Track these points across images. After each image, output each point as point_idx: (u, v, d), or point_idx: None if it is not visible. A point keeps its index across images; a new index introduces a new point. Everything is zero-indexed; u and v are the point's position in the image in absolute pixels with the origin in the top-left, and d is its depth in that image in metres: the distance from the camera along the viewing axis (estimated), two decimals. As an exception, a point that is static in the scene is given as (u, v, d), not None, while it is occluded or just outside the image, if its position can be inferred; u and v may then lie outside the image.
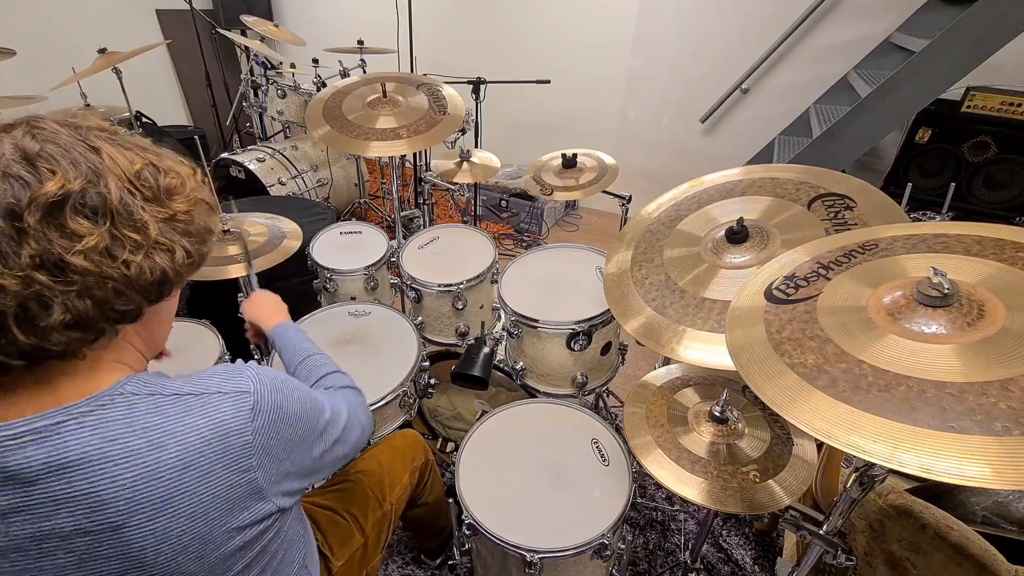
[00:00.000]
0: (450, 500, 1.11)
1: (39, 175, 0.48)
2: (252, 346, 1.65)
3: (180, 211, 0.57)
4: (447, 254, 1.75)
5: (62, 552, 0.50)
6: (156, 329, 0.64)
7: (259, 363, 1.54)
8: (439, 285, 1.59)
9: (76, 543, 0.50)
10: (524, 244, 3.41)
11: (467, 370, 1.29)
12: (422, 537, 1.46)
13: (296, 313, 1.53)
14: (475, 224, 2.94)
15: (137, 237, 0.52)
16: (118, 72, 2.48)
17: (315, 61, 3.11)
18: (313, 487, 1.10)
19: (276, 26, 3.33)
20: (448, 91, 1.78)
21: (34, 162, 0.48)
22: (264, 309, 1.09)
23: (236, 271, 1.34)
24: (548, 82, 2.61)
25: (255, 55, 3.29)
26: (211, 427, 0.55)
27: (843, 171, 1.07)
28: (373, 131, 1.63)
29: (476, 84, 2.56)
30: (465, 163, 2.05)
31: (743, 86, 3.03)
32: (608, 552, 1.03)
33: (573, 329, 1.39)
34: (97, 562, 0.51)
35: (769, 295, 0.77)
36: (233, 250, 1.38)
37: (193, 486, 0.53)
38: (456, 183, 2.02)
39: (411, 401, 1.40)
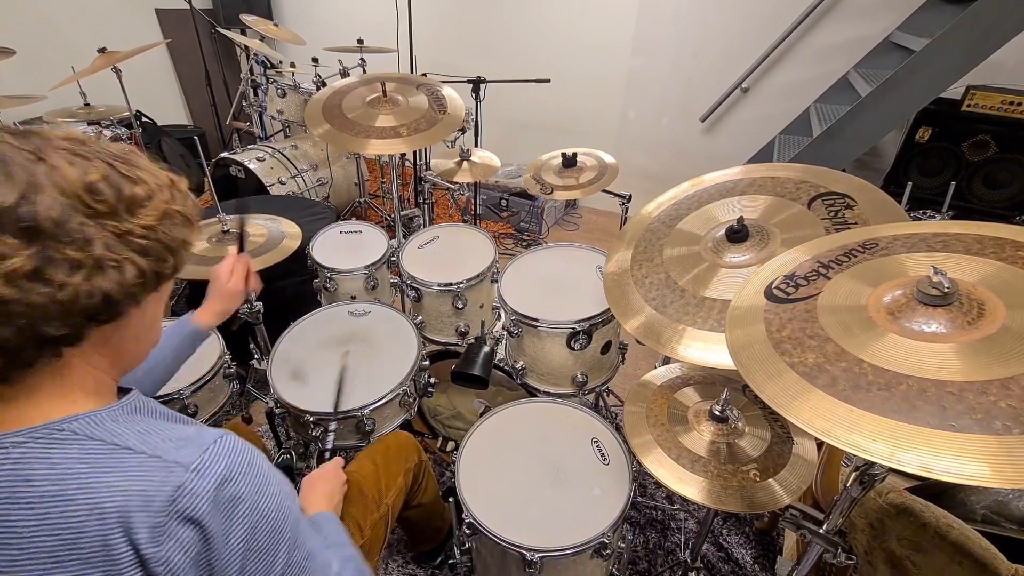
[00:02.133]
0: (450, 499, 1.11)
1: None
2: (251, 345, 1.66)
3: (141, 225, 0.52)
4: (447, 253, 1.75)
5: None
6: (127, 346, 0.58)
7: (258, 363, 1.56)
8: (439, 284, 1.59)
9: None
10: (524, 243, 3.41)
11: (467, 369, 1.29)
12: (418, 539, 1.46)
13: (296, 313, 1.54)
14: (475, 223, 2.94)
15: (77, 255, 0.47)
16: (118, 72, 2.48)
17: (315, 60, 3.11)
18: None
19: (276, 25, 3.33)
20: (448, 91, 1.78)
21: None
22: (314, 491, 0.95)
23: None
24: (548, 81, 2.61)
25: (255, 54, 3.29)
26: (127, 492, 0.47)
27: (843, 170, 1.07)
28: (373, 129, 1.63)
29: (476, 83, 2.55)
30: (465, 162, 2.05)
31: (743, 85, 3.03)
32: (608, 551, 1.03)
33: (573, 328, 1.39)
34: None
35: (769, 294, 0.77)
36: (233, 250, 1.38)
37: (85, 555, 0.46)
38: (456, 182, 2.02)
39: (411, 400, 1.40)
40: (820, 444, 1.10)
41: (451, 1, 3.78)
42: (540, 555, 0.98)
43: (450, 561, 1.27)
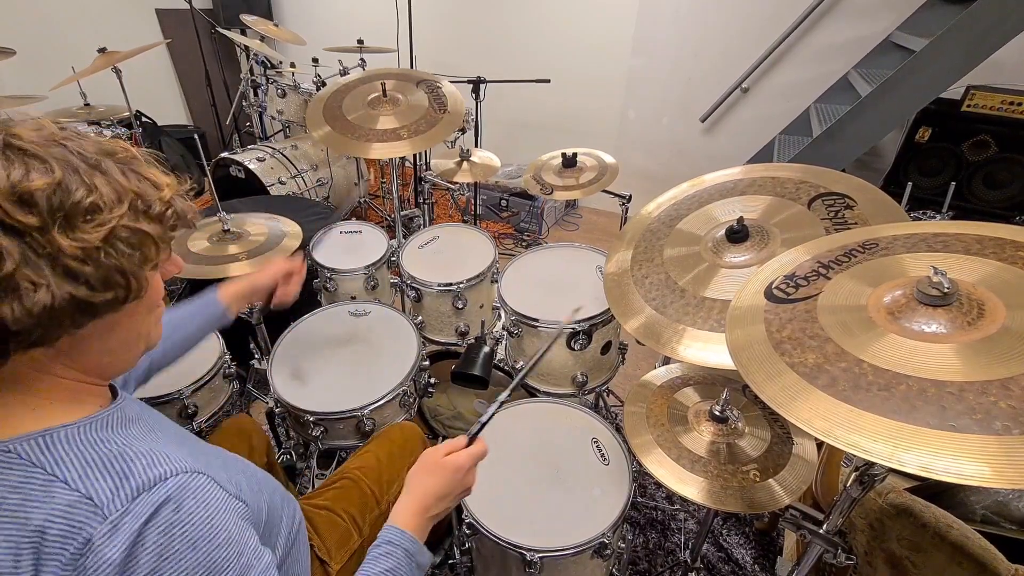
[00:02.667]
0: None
1: None
2: (251, 345, 1.66)
3: (77, 246, 0.45)
4: (447, 253, 1.75)
5: None
6: (100, 357, 0.54)
7: (258, 363, 1.56)
8: (439, 284, 1.59)
9: None
10: (524, 243, 3.41)
11: (467, 369, 1.29)
12: None
13: (296, 313, 1.53)
14: (475, 223, 2.94)
15: None
16: (118, 72, 2.48)
17: (315, 60, 3.11)
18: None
19: (276, 25, 3.33)
20: (448, 88, 1.78)
21: None
22: (426, 490, 0.77)
23: (236, 270, 1.34)
24: (548, 81, 2.61)
25: (255, 54, 3.29)
26: (22, 519, 0.44)
27: (843, 170, 1.07)
28: (374, 132, 1.63)
29: (476, 83, 2.56)
30: (465, 162, 2.05)
31: (743, 85, 3.03)
32: (608, 551, 1.03)
33: (573, 328, 1.39)
34: None
35: (769, 294, 0.77)
36: (233, 249, 1.38)
37: None
38: (456, 182, 2.03)
39: (411, 400, 1.40)
40: (820, 444, 1.10)
41: (451, 1, 3.78)
42: (540, 555, 0.98)
43: (450, 561, 1.27)
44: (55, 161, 0.46)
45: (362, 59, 3.16)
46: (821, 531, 0.91)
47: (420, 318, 1.69)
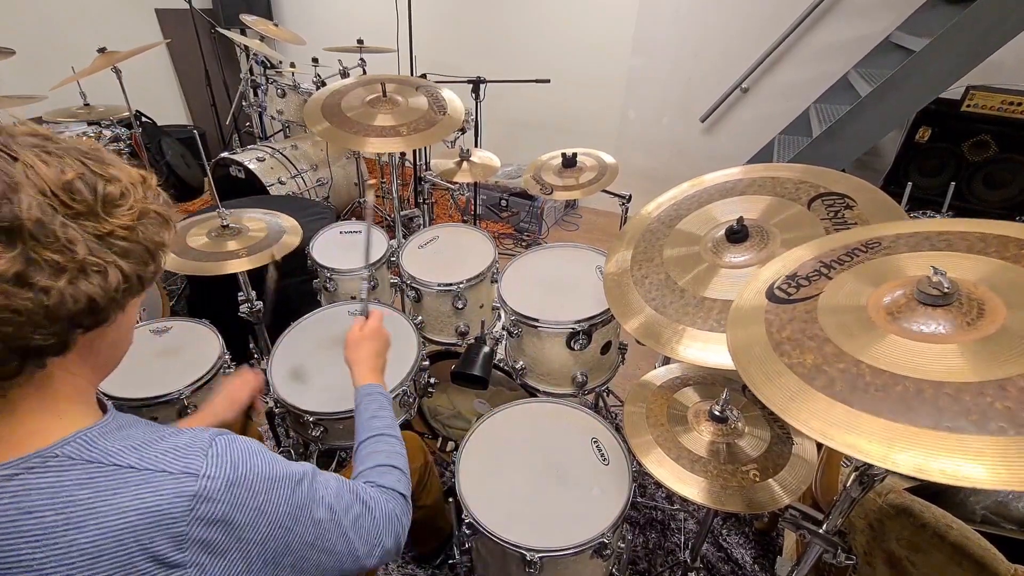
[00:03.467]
0: (450, 499, 1.11)
1: None
2: (251, 344, 1.66)
3: (120, 226, 0.50)
4: (447, 253, 1.75)
5: None
6: (105, 352, 0.56)
7: (256, 364, 1.56)
8: (439, 284, 1.59)
9: None
10: (524, 243, 3.41)
11: (467, 369, 1.29)
12: (418, 540, 1.46)
13: (296, 313, 1.54)
14: (475, 223, 2.94)
15: (59, 259, 0.45)
16: (117, 71, 2.48)
17: (315, 60, 3.11)
18: None
19: (276, 25, 3.33)
20: (448, 94, 1.78)
21: None
22: (361, 356, 0.99)
23: (235, 267, 1.34)
24: (548, 81, 2.61)
25: (255, 54, 3.29)
26: (140, 510, 0.47)
27: (843, 170, 1.07)
28: (372, 128, 1.63)
29: (476, 83, 2.56)
30: (465, 162, 2.05)
31: (743, 85, 3.03)
32: (608, 551, 1.03)
33: (573, 328, 1.39)
34: None
35: (771, 294, 0.77)
36: (232, 245, 1.38)
37: None
38: (456, 182, 2.03)
39: (411, 400, 1.40)
40: (820, 445, 1.10)
41: (451, 1, 3.78)
42: (540, 555, 0.98)
43: (450, 561, 1.27)
44: (69, 155, 0.49)
45: (362, 59, 3.16)
46: (821, 531, 0.91)
47: (420, 318, 1.69)
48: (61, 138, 0.51)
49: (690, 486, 0.96)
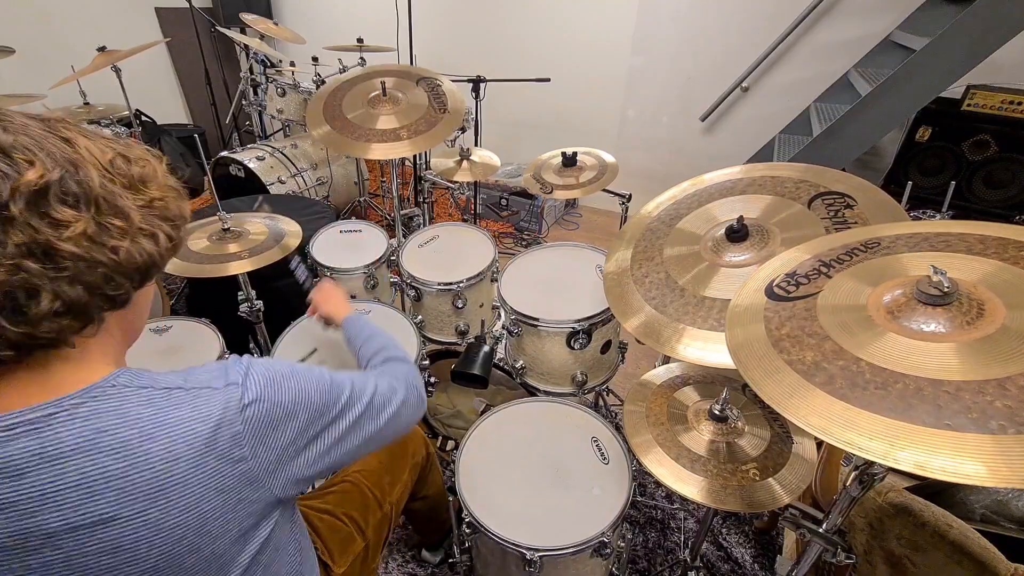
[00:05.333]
0: (450, 498, 1.11)
1: (16, 166, 0.48)
2: (251, 344, 1.66)
3: (156, 197, 0.58)
4: (447, 252, 1.75)
5: (48, 549, 0.49)
6: (135, 319, 0.64)
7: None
8: (439, 284, 1.59)
9: (63, 540, 0.49)
10: (524, 243, 3.41)
11: (467, 368, 1.29)
12: (423, 531, 1.46)
13: (296, 312, 1.53)
14: (475, 222, 2.94)
15: (121, 224, 0.53)
16: (117, 70, 2.48)
17: (315, 59, 3.11)
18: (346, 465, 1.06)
19: (275, 24, 3.33)
20: (448, 87, 1.78)
21: (10, 154, 0.48)
22: (333, 303, 1.19)
23: (236, 268, 1.34)
24: (548, 80, 2.61)
25: (255, 53, 3.29)
26: (200, 419, 0.55)
27: (843, 169, 1.07)
28: (374, 132, 1.62)
29: (476, 83, 2.55)
30: (465, 161, 2.05)
31: (743, 85, 3.03)
32: (608, 550, 1.03)
33: (573, 327, 1.39)
34: (87, 558, 0.50)
35: (770, 292, 0.77)
36: (233, 248, 1.38)
37: (184, 477, 0.53)
38: (456, 181, 2.02)
39: (411, 399, 1.40)
40: (820, 443, 1.10)
41: (451, 0, 3.78)
42: (540, 554, 0.98)
43: (450, 560, 1.27)
44: (103, 139, 0.56)
45: (362, 58, 3.16)
46: (820, 530, 0.91)
47: (420, 317, 1.69)
48: (85, 126, 0.58)
49: (690, 485, 0.96)
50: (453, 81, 1.84)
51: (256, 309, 1.56)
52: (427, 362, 1.47)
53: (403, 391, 0.81)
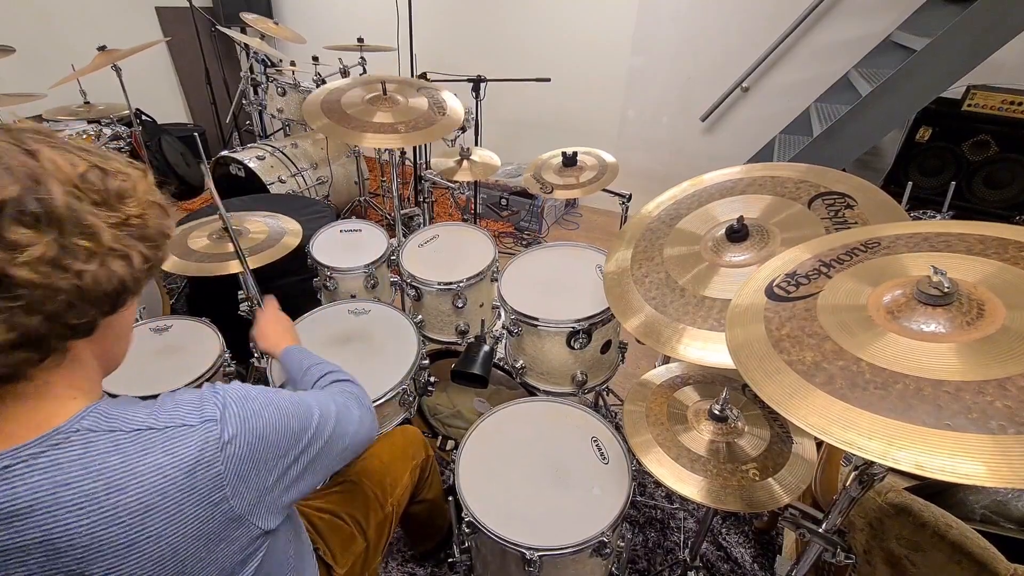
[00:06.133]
0: (450, 498, 1.11)
1: None
2: (252, 344, 1.65)
3: (133, 215, 0.53)
4: (447, 252, 1.75)
5: None
6: (112, 345, 0.59)
7: (259, 361, 1.56)
8: (439, 283, 1.59)
9: None
10: (524, 242, 3.41)
11: (467, 368, 1.29)
12: (418, 537, 1.46)
13: (296, 311, 1.53)
14: (475, 222, 2.94)
15: (89, 244, 0.49)
16: (117, 70, 2.48)
17: (315, 59, 3.11)
18: (316, 488, 1.06)
19: (276, 24, 3.33)
20: (448, 95, 1.78)
21: None
22: (271, 338, 1.11)
23: (236, 267, 1.34)
24: (548, 80, 2.61)
25: (255, 53, 3.28)
26: (175, 464, 0.51)
27: (843, 170, 1.07)
28: (370, 124, 1.63)
29: (476, 82, 2.55)
30: (465, 161, 2.05)
31: (743, 85, 3.03)
32: (608, 550, 1.03)
33: (573, 327, 1.39)
34: None
35: (770, 292, 0.77)
36: (232, 247, 1.38)
37: (159, 528, 0.49)
38: (456, 181, 2.02)
39: (411, 399, 1.40)
40: (819, 443, 1.10)
41: (451, 0, 3.78)
42: (540, 554, 0.98)
43: (449, 560, 1.27)
44: (73, 151, 0.52)
45: (362, 57, 3.16)
46: (820, 530, 0.91)
47: (420, 317, 1.69)
48: (56, 134, 0.53)
49: (690, 485, 0.96)
50: (453, 81, 1.84)
51: (256, 309, 1.56)
52: (427, 361, 1.47)
53: (358, 410, 0.80)
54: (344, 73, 3.04)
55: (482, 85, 2.57)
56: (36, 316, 0.46)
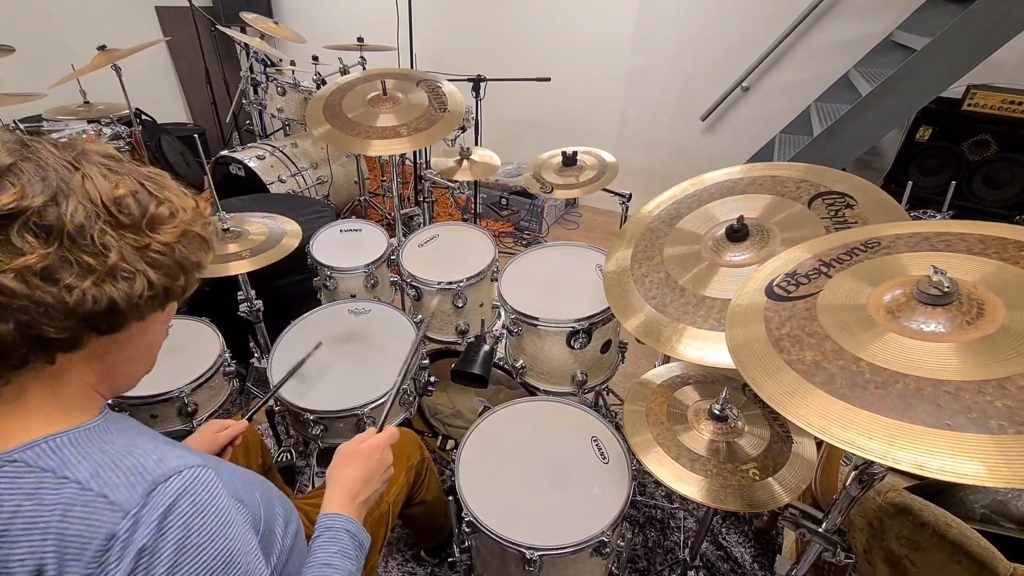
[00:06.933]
0: (450, 498, 1.11)
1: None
2: (251, 344, 1.65)
3: (160, 242, 0.53)
4: (447, 252, 1.75)
5: None
6: (119, 366, 0.58)
7: (258, 361, 1.56)
8: (439, 283, 1.59)
9: None
10: (524, 242, 3.41)
11: (467, 368, 1.29)
12: (423, 536, 1.46)
13: (296, 311, 1.54)
14: (475, 222, 2.94)
15: (91, 262, 0.49)
16: (117, 69, 2.48)
17: (315, 58, 3.11)
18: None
19: (276, 23, 3.33)
20: (448, 87, 1.78)
21: (2, 175, 0.47)
22: (345, 478, 0.81)
23: (236, 268, 1.34)
24: (548, 80, 2.61)
25: (255, 52, 3.28)
26: (63, 539, 0.46)
27: (843, 169, 1.07)
28: (374, 129, 1.63)
29: (476, 82, 2.55)
30: (465, 161, 2.05)
31: (743, 84, 3.03)
32: (608, 550, 1.03)
33: (573, 327, 1.39)
34: None
35: (770, 292, 0.77)
36: (233, 248, 1.38)
37: None
38: (456, 181, 2.02)
39: (411, 399, 1.40)
40: (819, 443, 1.10)
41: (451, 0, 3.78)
42: (540, 553, 0.98)
43: (450, 559, 1.27)
44: (130, 176, 0.54)
45: (362, 57, 3.16)
46: (820, 530, 0.91)
47: (420, 316, 1.69)
48: (131, 164, 0.56)
49: (690, 485, 0.96)
50: (453, 80, 1.84)
51: (256, 309, 1.56)
52: (427, 361, 1.47)
53: None
54: (344, 72, 3.04)
55: (482, 85, 2.56)
56: (8, 323, 0.46)
